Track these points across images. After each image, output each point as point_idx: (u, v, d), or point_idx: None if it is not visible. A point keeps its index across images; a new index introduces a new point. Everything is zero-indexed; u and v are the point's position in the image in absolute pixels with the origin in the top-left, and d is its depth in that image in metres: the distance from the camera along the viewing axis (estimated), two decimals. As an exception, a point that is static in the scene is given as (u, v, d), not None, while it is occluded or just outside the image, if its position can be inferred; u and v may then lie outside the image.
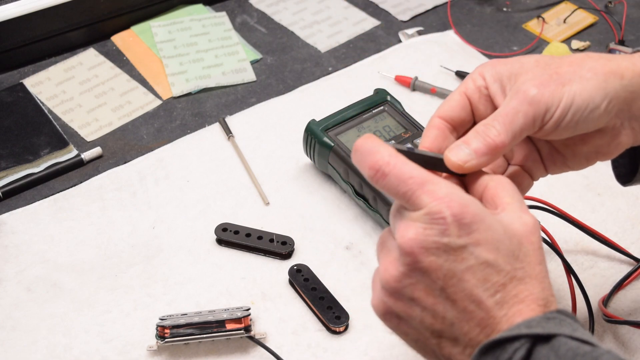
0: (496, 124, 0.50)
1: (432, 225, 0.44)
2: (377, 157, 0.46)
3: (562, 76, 0.50)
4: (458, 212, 0.44)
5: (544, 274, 0.46)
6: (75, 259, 0.74)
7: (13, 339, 0.67)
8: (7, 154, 0.83)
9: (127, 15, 1.02)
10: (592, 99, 0.50)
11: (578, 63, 0.51)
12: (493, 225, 0.45)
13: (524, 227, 0.46)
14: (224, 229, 0.75)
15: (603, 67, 0.51)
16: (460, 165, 0.50)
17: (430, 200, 0.44)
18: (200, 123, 0.89)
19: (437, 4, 1.08)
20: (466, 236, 0.44)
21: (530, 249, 0.46)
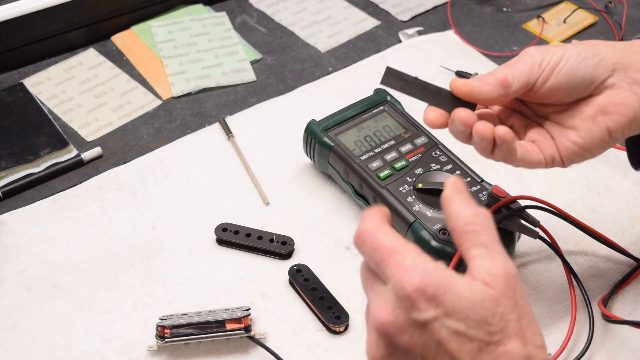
0: (501, 68, 0.57)
1: (400, 303, 0.44)
2: (362, 225, 0.47)
3: (557, 50, 0.57)
4: (420, 285, 0.43)
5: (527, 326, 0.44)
6: (75, 259, 0.74)
7: (13, 339, 0.67)
8: (7, 154, 0.83)
9: (127, 15, 1.02)
10: (583, 52, 0.56)
11: (573, 43, 0.58)
12: (461, 291, 0.43)
13: (497, 282, 0.44)
14: (224, 229, 0.75)
15: (595, 41, 0.58)
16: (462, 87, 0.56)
17: (395, 273, 0.44)
18: (200, 123, 0.89)
19: (437, 4, 1.08)
20: (433, 308, 0.43)
21: (508, 305, 0.44)
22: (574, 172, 0.82)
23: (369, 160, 0.75)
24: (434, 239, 0.68)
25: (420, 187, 0.72)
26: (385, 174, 0.74)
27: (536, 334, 0.45)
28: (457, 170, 0.74)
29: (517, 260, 0.73)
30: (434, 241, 0.68)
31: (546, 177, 0.82)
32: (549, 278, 0.72)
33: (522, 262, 0.73)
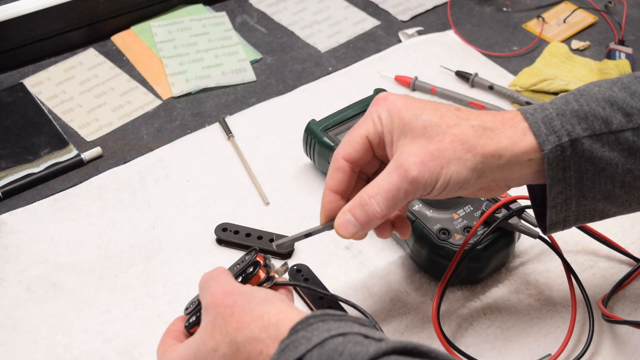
0: (379, 199, 0.55)
1: None
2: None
3: (442, 154, 0.54)
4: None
5: (248, 322, 0.50)
6: (75, 259, 0.74)
7: (13, 339, 0.67)
8: (7, 154, 0.83)
9: (127, 15, 1.02)
10: (467, 180, 0.55)
11: (461, 139, 0.54)
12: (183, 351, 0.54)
13: (206, 318, 0.54)
14: (224, 229, 0.75)
15: (484, 148, 0.54)
16: (349, 237, 0.57)
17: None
18: (200, 123, 0.89)
19: (437, 4, 1.08)
20: None
21: (218, 331, 0.52)
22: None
23: (369, 160, 0.75)
24: (434, 239, 0.68)
25: (420, 187, 0.72)
26: (385, 174, 0.73)
27: (266, 313, 0.50)
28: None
29: (517, 260, 0.73)
30: (434, 241, 0.68)
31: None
32: (549, 278, 0.72)
33: (522, 262, 0.73)
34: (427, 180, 0.54)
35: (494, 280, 0.72)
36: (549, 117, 0.55)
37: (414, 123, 0.55)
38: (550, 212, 0.58)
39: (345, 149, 0.58)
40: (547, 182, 0.56)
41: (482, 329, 0.68)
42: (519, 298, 0.70)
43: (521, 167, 0.56)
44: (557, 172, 0.55)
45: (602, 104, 0.56)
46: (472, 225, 0.69)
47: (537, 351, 0.66)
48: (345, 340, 0.45)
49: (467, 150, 0.54)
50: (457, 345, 0.65)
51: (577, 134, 0.55)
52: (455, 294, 0.70)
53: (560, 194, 0.56)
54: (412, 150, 0.55)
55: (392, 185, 0.55)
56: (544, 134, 0.55)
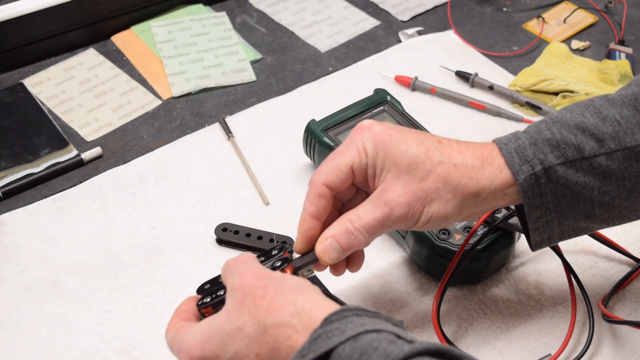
0: (363, 232, 0.56)
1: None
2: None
3: (425, 194, 0.56)
4: (191, 356, 0.52)
5: (280, 306, 0.49)
6: (75, 259, 0.74)
7: (13, 339, 0.67)
8: (7, 154, 0.83)
9: (127, 15, 1.02)
10: (447, 216, 0.57)
11: (444, 179, 0.56)
12: (207, 331, 0.52)
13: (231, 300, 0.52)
14: (224, 229, 0.75)
15: (464, 189, 0.56)
16: (331, 263, 0.58)
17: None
18: (200, 123, 0.89)
19: (437, 4, 1.08)
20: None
21: (246, 311, 0.50)
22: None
23: (369, 160, 0.75)
24: (434, 239, 0.68)
25: (420, 187, 0.72)
26: (385, 174, 0.74)
27: (299, 299, 0.49)
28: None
29: (517, 260, 0.73)
30: (434, 241, 0.68)
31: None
32: (549, 278, 0.72)
33: (522, 262, 0.73)
34: (410, 217, 0.56)
35: (494, 280, 0.72)
36: (521, 147, 0.57)
37: (399, 159, 0.56)
38: (533, 234, 0.60)
39: (329, 177, 0.58)
40: (525, 209, 0.58)
41: (482, 329, 0.68)
42: (519, 298, 0.70)
43: (498, 200, 0.58)
44: (533, 199, 0.57)
45: (574, 131, 0.57)
46: (472, 225, 0.69)
47: (537, 351, 0.66)
48: (380, 337, 0.45)
49: (449, 191, 0.56)
50: (457, 345, 0.64)
51: (550, 162, 0.57)
52: (455, 294, 0.70)
53: (540, 218, 0.58)
54: (397, 188, 0.56)
55: (377, 221, 0.56)
56: (517, 164, 0.57)
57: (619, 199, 0.58)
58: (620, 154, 0.57)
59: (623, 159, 0.57)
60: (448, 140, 0.59)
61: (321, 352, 0.45)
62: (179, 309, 0.57)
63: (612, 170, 0.57)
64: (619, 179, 0.57)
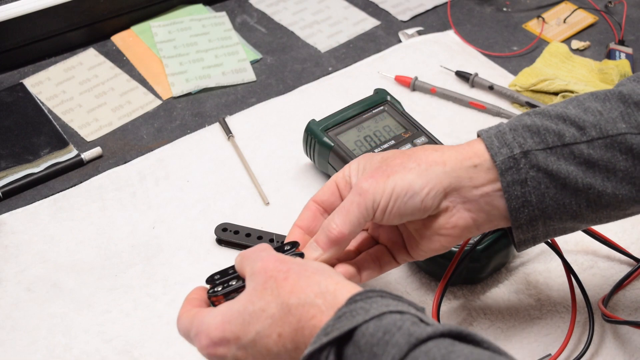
0: (335, 218, 0.57)
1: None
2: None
3: (390, 168, 0.57)
4: (211, 337, 0.51)
5: (304, 287, 0.50)
6: (75, 259, 0.74)
7: (13, 339, 0.67)
8: (7, 154, 0.83)
9: (127, 15, 1.02)
10: (411, 186, 0.56)
11: (409, 155, 0.58)
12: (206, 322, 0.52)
13: (252, 285, 0.52)
14: (224, 229, 0.75)
15: (427, 158, 0.57)
16: (314, 259, 0.58)
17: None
18: (200, 123, 0.89)
19: (437, 4, 1.08)
20: (226, 346, 0.51)
21: (269, 292, 0.50)
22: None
23: (369, 160, 0.75)
24: (434, 239, 0.68)
25: (420, 187, 0.72)
26: (385, 174, 0.74)
27: (322, 281, 0.50)
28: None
29: (517, 260, 0.73)
30: (434, 241, 0.68)
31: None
32: (549, 278, 0.72)
33: (522, 262, 0.73)
34: (374, 190, 0.56)
35: (494, 280, 0.72)
36: (501, 132, 0.57)
37: (375, 159, 0.59)
38: (516, 232, 0.58)
39: (317, 194, 0.62)
40: (505, 198, 0.56)
41: (482, 329, 0.68)
42: (519, 298, 0.70)
43: (469, 173, 0.57)
44: (513, 186, 0.56)
45: (555, 120, 0.57)
46: (472, 225, 0.69)
47: (537, 351, 0.66)
48: (404, 318, 0.46)
49: (413, 161, 0.57)
50: (457, 345, 0.64)
51: (529, 146, 0.56)
52: (455, 294, 0.70)
53: (522, 212, 0.57)
54: (366, 171, 0.59)
55: (347, 202, 0.57)
56: (496, 147, 0.56)
57: (606, 196, 0.56)
58: (601, 142, 0.56)
59: (605, 147, 0.56)
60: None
61: (345, 330, 0.45)
62: (190, 297, 0.57)
63: (594, 160, 0.56)
64: (603, 170, 0.56)
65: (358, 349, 0.45)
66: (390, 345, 0.44)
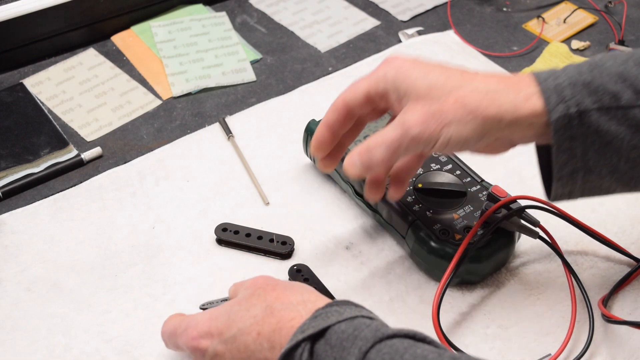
0: (382, 148, 0.59)
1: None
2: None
3: (444, 115, 0.56)
4: (198, 330, 0.58)
5: (289, 295, 0.56)
6: (75, 259, 0.74)
7: (13, 339, 0.67)
8: (7, 154, 0.83)
9: (127, 15, 1.02)
10: (466, 143, 0.57)
11: (462, 101, 0.57)
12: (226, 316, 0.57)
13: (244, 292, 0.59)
14: (224, 229, 0.75)
15: (484, 111, 0.56)
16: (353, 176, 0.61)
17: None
18: (200, 123, 0.89)
19: (437, 4, 1.08)
20: (209, 339, 0.57)
21: (257, 297, 0.57)
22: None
23: (369, 160, 0.75)
24: (434, 239, 0.68)
25: (420, 187, 0.72)
26: (385, 174, 0.74)
27: (308, 292, 0.57)
28: (457, 170, 0.74)
29: (517, 260, 0.73)
30: (434, 241, 0.68)
31: (546, 177, 0.82)
32: (549, 278, 0.72)
33: (522, 262, 0.73)
34: (426, 138, 0.57)
35: (494, 280, 0.72)
36: (560, 86, 0.56)
37: (420, 83, 0.58)
38: (556, 184, 0.59)
39: (346, 95, 0.62)
40: (553, 151, 0.57)
41: (482, 329, 0.68)
42: (519, 298, 0.70)
43: (523, 130, 0.57)
44: (563, 142, 0.57)
45: (615, 79, 0.56)
46: (472, 225, 0.69)
47: (537, 351, 0.66)
48: (373, 322, 0.52)
49: (468, 113, 0.56)
50: (457, 345, 0.65)
51: (586, 106, 0.56)
52: (455, 294, 0.70)
53: (566, 165, 0.58)
54: (414, 110, 0.57)
55: (394, 139, 0.58)
56: (553, 102, 0.56)
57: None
58: None
59: None
60: (473, 71, 0.60)
61: (320, 328, 0.51)
62: (177, 314, 0.63)
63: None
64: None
65: (329, 346, 0.50)
66: (358, 339, 0.49)
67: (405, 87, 0.58)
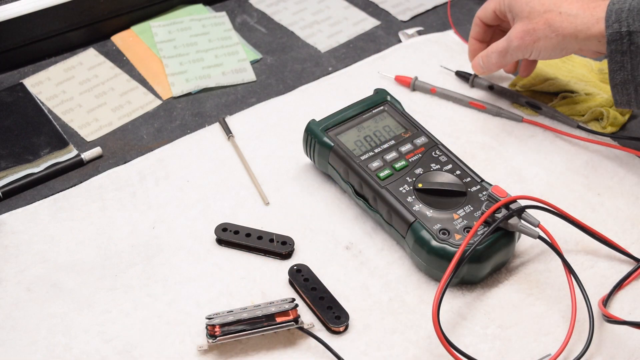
0: (494, 55, 0.84)
1: None
2: None
3: (536, 33, 0.79)
4: None
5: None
6: (75, 259, 0.74)
7: (13, 339, 0.67)
8: (7, 154, 0.83)
9: (127, 15, 1.02)
10: (551, 54, 0.80)
11: (549, 22, 0.78)
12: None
13: None
14: (224, 229, 0.75)
15: (564, 30, 0.77)
16: (481, 74, 0.89)
17: None
18: (200, 123, 0.89)
19: (437, 4, 1.08)
20: None
21: None
22: (574, 172, 0.82)
23: (369, 160, 0.75)
24: (434, 239, 0.68)
25: (420, 187, 0.72)
26: (385, 174, 0.74)
27: None
28: (457, 170, 0.74)
29: (517, 260, 0.73)
30: (434, 241, 0.68)
31: (546, 177, 0.82)
32: (549, 278, 0.72)
33: (522, 262, 0.73)
34: (524, 49, 0.80)
35: (494, 280, 0.72)
36: (620, 10, 0.73)
37: (524, 7, 0.80)
38: (613, 90, 0.76)
39: (480, 13, 0.88)
40: (607, 62, 0.75)
41: (482, 329, 0.68)
42: (519, 298, 0.70)
43: (594, 44, 0.76)
44: (615, 55, 0.74)
45: None
46: (472, 225, 0.69)
47: (537, 351, 0.66)
48: None
49: (552, 31, 0.77)
50: (457, 345, 0.64)
51: (635, 28, 0.72)
52: (455, 294, 0.70)
53: (617, 74, 0.75)
54: (517, 28, 0.80)
55: (502, 48, 0.82)
56: (611, 21, 0.73)
57: None
58: None
59: None
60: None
61: None
62: None
63: None
64: None
65: None
66: None
67: (515, 9, 0.81)
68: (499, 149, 0.85)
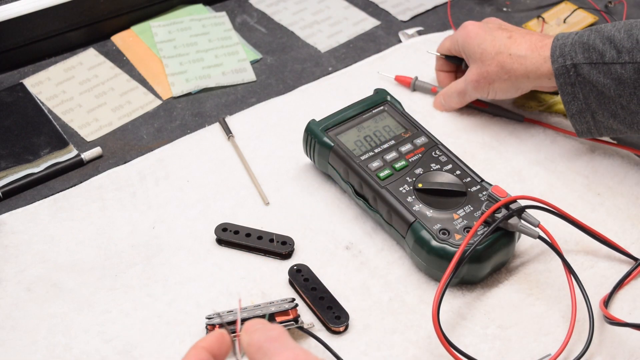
0: (455, 94, 0.87)
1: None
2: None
3: (490, 76, 0.82)
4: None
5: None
6: (75, 259, 0.74)
7: (13, 339, 0.67)
8: (7, 154, 0.83)
9: (127, 15, 1.02)
10: (506, 93, 0.83)
11: (501, 65, 0.80)
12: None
13: None
14: (224, 229, 0.75)
15: (517, 70, 0.79)
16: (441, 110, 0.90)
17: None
18: (200, 123, 0.89)
19: (437, 4, 1.08)
20: None
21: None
22: (574, 172, 0.82)
23: (369, 160, 0.75)
24: (434, 239, 0.68)
25: (420, 187, 0.72)
26: (385, 174, 0.74)
27: None
28: (457, 170, 0.74)
29: (517, 260, 0.73)
30: (434, 241, 0.68)
31: (546, 177, 0.82)
32: (549, 278, 0.72)
33: (522, 262, 0.73)
34: (480, 90, 0.83)
35: (494, 280, 0.72)
36: (564, 45, 0.76)
37: (476, 49, 0.82)
38: (572, 121, 0.78)
39: (439, 48, 0.90)
40: (560, 94, 0.77)
41: (482, 329, 0.68)
42: (519, 298, 0.70)
43: (546, 82, 0.79)
44: (565, 87, 0.76)
45: (604, 41, 0.74)
46: (472, 225, 0.69)
47: (537, 351, 0.66)
48: None
49: (505, 73, 0.80)
50: (457, 345, 0.65)
51: (578, 60, 0.74)
52: (455, 294, 0.70)
53: (571, 104, 0.76)
54: (472, 70, 0.83)
55: (461, 89, 0.86)
56: (555, 56, 0.76)
57: (633, 105, 0.73)
58: (631, 67, 0.72)
59: (633, 70, 0.72)
60: (517, 33, 0.81)
61: None
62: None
63: (625, 78, 0.72)
64: (631, 87, 0.72)
65: None
66: None
67: (468, 51, 0.83)
68: (499, 148, 0.85)
